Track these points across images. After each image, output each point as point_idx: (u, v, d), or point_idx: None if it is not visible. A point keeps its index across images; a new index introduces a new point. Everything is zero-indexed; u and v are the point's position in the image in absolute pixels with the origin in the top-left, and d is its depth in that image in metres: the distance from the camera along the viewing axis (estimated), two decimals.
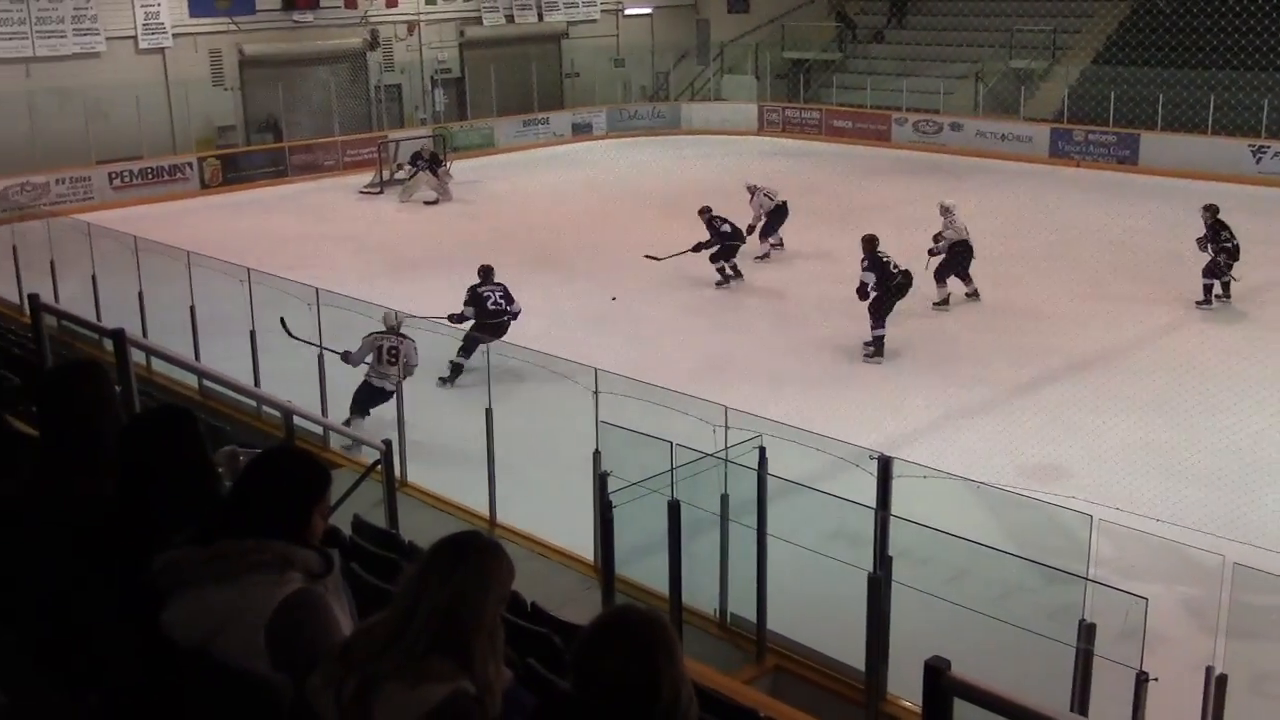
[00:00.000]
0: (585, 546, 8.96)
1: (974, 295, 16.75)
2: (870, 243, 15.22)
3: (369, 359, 11.97)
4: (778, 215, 19.86)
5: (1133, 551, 8.96)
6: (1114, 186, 25.08)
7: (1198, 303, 16.40)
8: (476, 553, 2.71)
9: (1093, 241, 20.06)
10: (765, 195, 19.86)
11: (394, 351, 11.86)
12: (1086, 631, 6.22)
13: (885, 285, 14.76)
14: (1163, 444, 11.61)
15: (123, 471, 3.23)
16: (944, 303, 16.54)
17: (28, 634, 3.20)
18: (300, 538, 2.94)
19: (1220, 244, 16.39)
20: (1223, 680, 6.55)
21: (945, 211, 16.97)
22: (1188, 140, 26.65)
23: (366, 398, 12.03)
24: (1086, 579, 6.45)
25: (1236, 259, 16.35)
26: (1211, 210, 16.82)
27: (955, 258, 16.63)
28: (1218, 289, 16.51)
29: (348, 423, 11.64)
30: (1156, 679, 6.14)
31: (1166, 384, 13.03)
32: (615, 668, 2.50)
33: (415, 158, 25.73)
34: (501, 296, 14.29)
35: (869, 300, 14.80)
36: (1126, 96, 27.82)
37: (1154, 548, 8.75)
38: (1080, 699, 6.22)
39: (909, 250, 16.16)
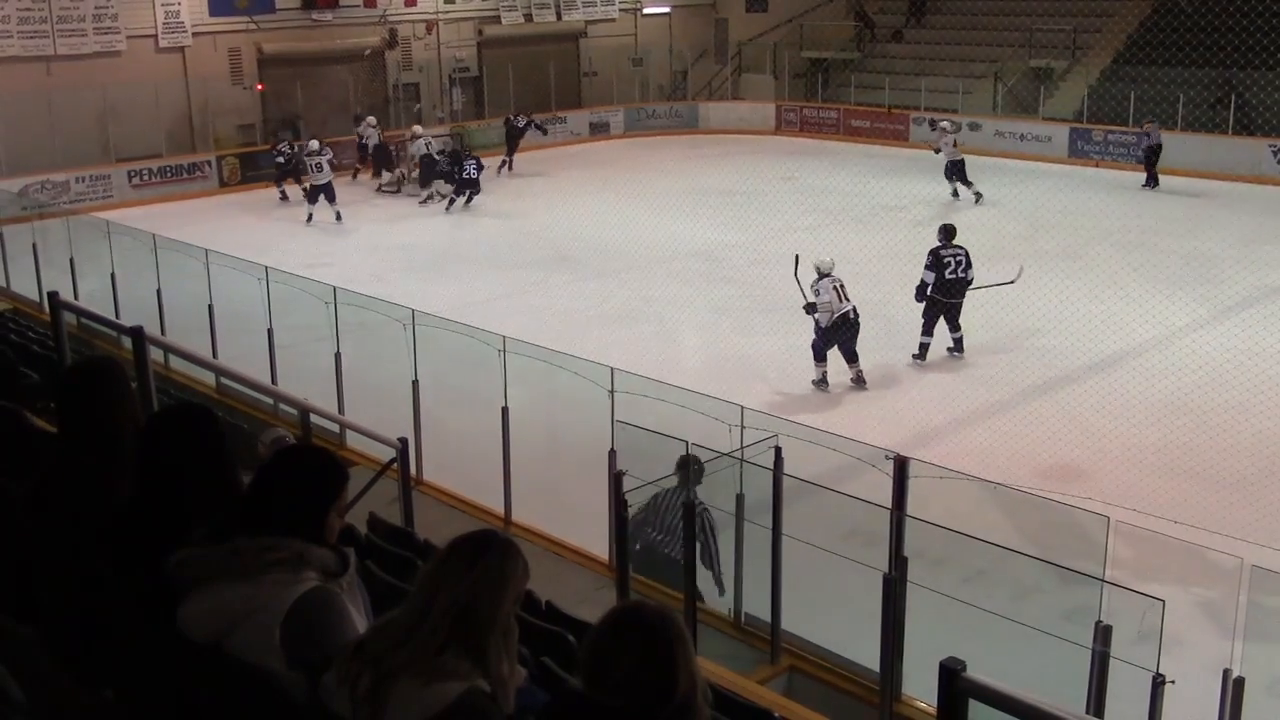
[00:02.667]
0: (600, 546, 8.96)
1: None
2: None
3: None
4: (381, 152, 26.35)
5: (1150, 553, 8.93)
6: (1133, 187, 24.98)
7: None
8: (493, 551, 2.71)
9: (1111, 242, 19.99)
10: (370, 127, 26.39)
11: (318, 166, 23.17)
12: (1103, 633, 6.18)
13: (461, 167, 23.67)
14: (1180, 445, 11.56)
15: (142, 469, 3.25)
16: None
17: (46, 629, 3.22)
18: (317, 536, 2.95)
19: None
20: (1240, 683, 6.52)
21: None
22: (1208, 140, 26.52)
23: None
24: (1103, 580, 6.42)
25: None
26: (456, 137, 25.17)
27: None
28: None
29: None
30: (1173, 681, 6.11)
31: (1184, 385, 12.97)
32: (629, 665, 2.49)
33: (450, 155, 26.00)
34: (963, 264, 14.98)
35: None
36: (1147, 96, 27.69)
37: (1171, 549, 8.72)
38: (1096, 701, 6.19)
39: (928, 247, 16.06)
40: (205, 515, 3.02)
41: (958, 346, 14.82)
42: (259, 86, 28.58)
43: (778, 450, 7.63)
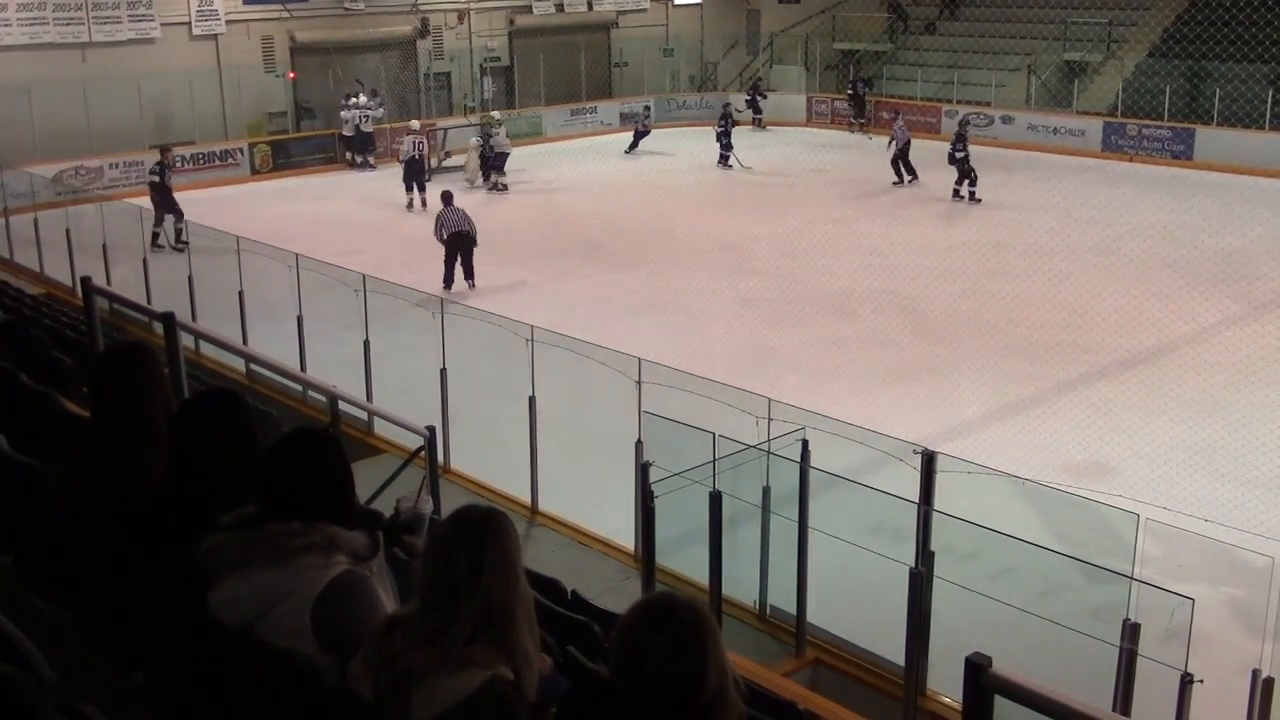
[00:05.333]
0: (626, 536, 8.98)
1: None
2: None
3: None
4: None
5: (1179, 551, 8.87)
6: (1168, 182, 24.75)
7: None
8: (490, 538, 2.66)
9: (1145, 237, 19.82)
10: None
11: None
12: (1131, 631, 6.15)
13: None
14: (1212, 443, 11.46)
15: (174, 454, 3.27)
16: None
17: (78, 612, 3.25)
18: (345, 518, 2.96)
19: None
20: (1269, 683, 6.48)
21: None
22: (1244, 135, 26.24)
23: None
24: (1132, 578, 6.38)
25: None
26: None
27: None
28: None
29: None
30: (1202, 680, 6.08)
31: (1216, 382, 12.86)
32: (660, 657, 2.48)
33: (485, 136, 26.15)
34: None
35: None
36: (1182, 90, 27.42)
37: (1201, 548, 8.65)
38: (1123, 699, 6.16)
39: (960, 244, 16.01)
40: (235, 499, 3.04)
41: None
42: (290, 75, 28.71)
43: (804, 443, 7.62)
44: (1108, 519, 9.42)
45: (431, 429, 9.14)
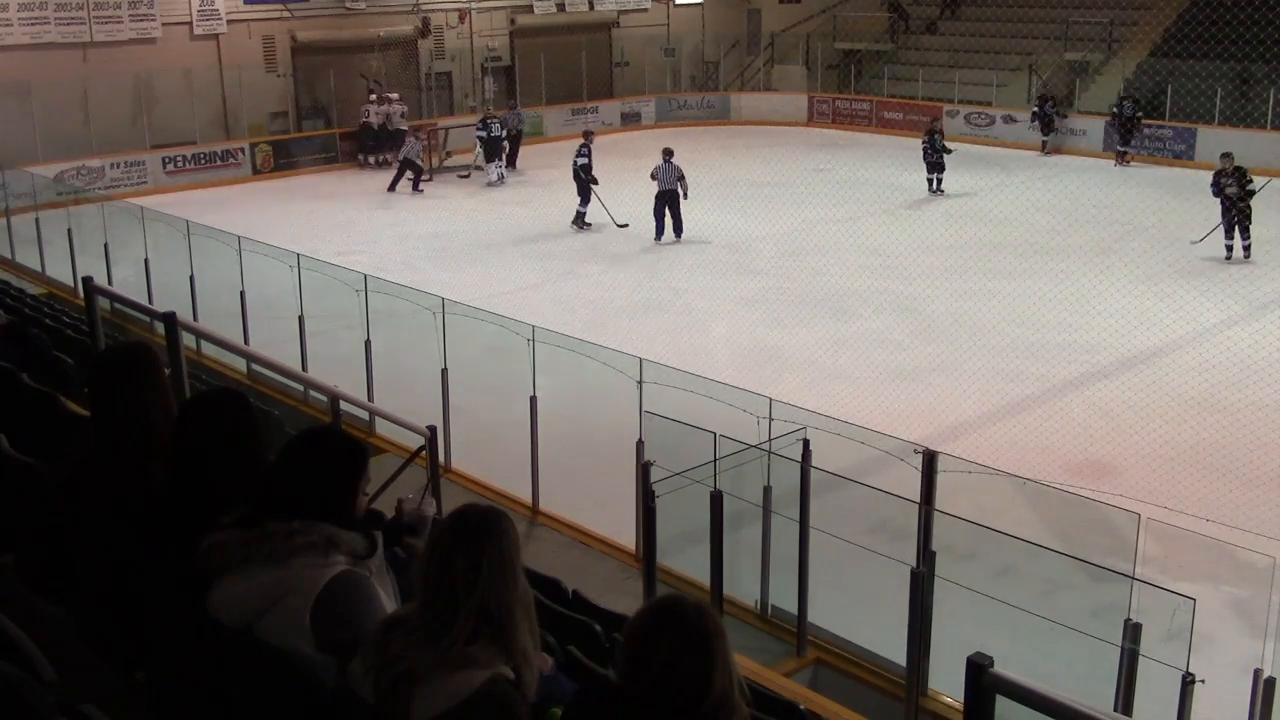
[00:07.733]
0: (627, 535, 8.98)
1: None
2: None
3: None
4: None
5: (1180, 551, 8.87)
6: (1170, 182, 24.73)
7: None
8: (491, 537, 2.67)
9: (1146, 237, 19.81)
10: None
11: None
12: (1132, 631, 6.15)
13: None
14: (1212, 443, 11.46)
15: (177, 454, 3.27)
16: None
17: (79, 611, 3.25)
18: (345, 519, 2.96)
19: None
20: (1271, 683, 6.47)
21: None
22: (1246, 135, 26.20)
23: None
24: (1133, 578, 6.37)
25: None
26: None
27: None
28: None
29: None
30: (1203, 680, 6.07)
31: (1217, 382, 12.85)
32: (666, 658, 2.49)
33: (485, 120, 26.10)
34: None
35: None
36: (1184, 90, 27.39)
37: (1202, 547, 8.66)
38: (1125, 699, 6.15)
39: (960, 244, 15.99)
40: (237, 499, 3.04)
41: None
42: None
43: (805, 443, 7.62)
44: (1108, 518, 9.42)
45: (432, 429, 9.14)
